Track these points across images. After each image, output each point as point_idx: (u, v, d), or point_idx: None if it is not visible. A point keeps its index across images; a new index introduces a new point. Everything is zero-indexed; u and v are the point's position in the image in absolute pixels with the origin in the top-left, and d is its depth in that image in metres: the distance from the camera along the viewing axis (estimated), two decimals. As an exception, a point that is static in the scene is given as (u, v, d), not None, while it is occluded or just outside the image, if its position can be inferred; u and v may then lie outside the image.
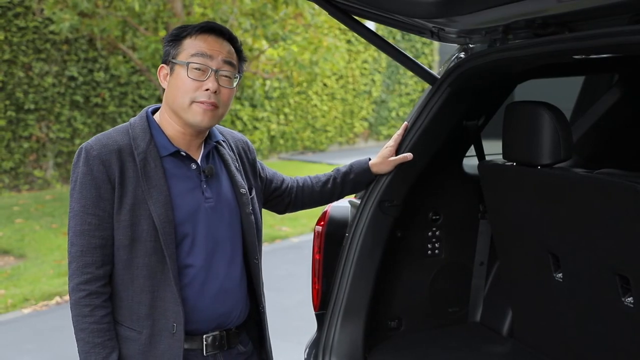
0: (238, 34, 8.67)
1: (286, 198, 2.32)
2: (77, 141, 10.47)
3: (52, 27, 8.74)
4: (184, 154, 1.92)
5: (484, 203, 2.75)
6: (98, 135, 1.90)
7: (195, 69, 1.86)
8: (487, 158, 2.69)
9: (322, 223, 2.64)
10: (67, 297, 5.70)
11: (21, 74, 9.90)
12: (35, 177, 10.25)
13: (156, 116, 1.96)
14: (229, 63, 1.91)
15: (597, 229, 2.08)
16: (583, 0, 1.77)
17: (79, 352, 1.88)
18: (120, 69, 9.72)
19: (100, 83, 10.67)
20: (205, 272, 1.92)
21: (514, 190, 2.41)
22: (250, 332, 2.10)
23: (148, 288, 1.86)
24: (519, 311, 2.65)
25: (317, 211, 2.71)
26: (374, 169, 2.44)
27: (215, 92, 1.87)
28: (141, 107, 11.17)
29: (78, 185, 1.83)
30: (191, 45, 1.88)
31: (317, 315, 2.62)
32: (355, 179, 2.42)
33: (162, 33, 8.81)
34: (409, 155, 2.44)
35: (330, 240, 2.61)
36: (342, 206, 2.68)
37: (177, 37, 1.90)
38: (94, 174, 1.82)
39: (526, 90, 2.91)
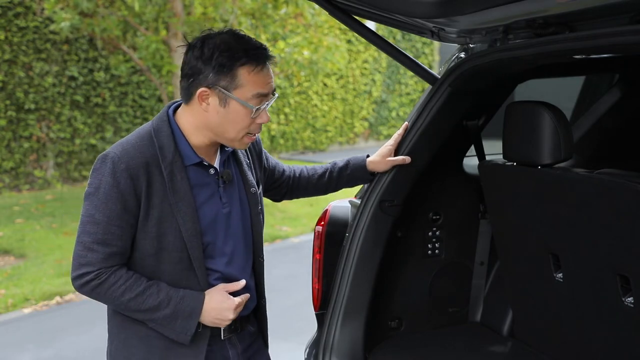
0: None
1: (283, 188, 2.36)
2: (77, 141, 10.48)
3: (52, 27, 8.74)
4: (207, 163, 1.95)
5: (484, 203, 2.75)
6: (123, 143, 1.88)
7: (257, 109, 1.87)
8: (487, 158, 2.69)
9: (323, 223, 2.64)
10: (67, 297, 5.70)
11: (21, 74, 9.90)
12: (35, 177, 10.25)
13: (179, 120, 1.94)
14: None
15: (597, 229, 2.08)
16: (584, 0, 1.77)
17: (135, 314, 1.89)
18: (120, 68, 9.73)
19: (100, 83, 10.67)
20: (225, 276, 1.99)
21: (514, 190, 2.41)
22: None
23: None
24: (519, 311, 2.65)
25: (318, 211, 2.71)
26: (371, 167, 2.44)
27: None
28: (141, 107, 11.17)
29: (102, 195, 1.83)
30: (250, 82, 1.84)
31: (317, 315, 2.62)
32: (351, 175, 2.43)
33: (163, 33, 8.81)
34: (407, 158, 2.44)
35: (331, 240, 2.61)
36: (343, 206, 2.68)
37: (229, 68, 1.83)
38: (121, 187, 1.82)
39: (526, 90, 2.91)
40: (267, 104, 1.90)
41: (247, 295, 2.00)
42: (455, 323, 2.86)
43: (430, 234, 2.76)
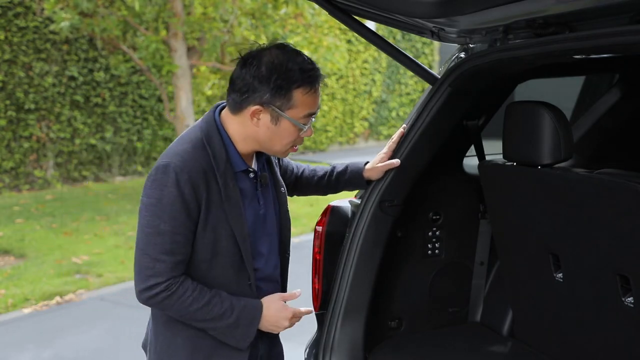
0: (239, 32, 8.67)
1: (289, 186, 2.39)
2: (77, 141, 10.48)
3: (52, 27, 8.74)
4: (250, 169, 2.01)
5: (484, 203, 2.74)
6: (179, 152, 1.91)
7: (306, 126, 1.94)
8: (487, 158, 2.69)
9: (323, 223, 2.64)
10: (67, 297, 5.70)
11: (21, 74, 9.90)
12: (35, 177, 10.25)
13: (226, 125, 1.97)
14: None
15: (597, 229, 2.08)
16: (583, 0, 1.77)
17: (198, 323, 1.95)
18: (120, 68, 9.72)
19: (100, 83, 10.67)
20: (264, 274, 2.07)
21: (514, 190, 2.41)
22: None
23: None
24: (519, 311, 2.65)
25: (317, 211, 2.71)
26: (366, 174, 2.46)
27: None
28: (141, 107, 11.17)
29: (167, 206, 1.86)
30: (303, 103, 1.91)
31: (317, 315, 2.62)
32: (348, 180, 2.47)
33: (163, 33, 8.81)
34: (395, 162, 2.44)
35: (331, 240, 2.61)
36: (343, 206, 2.68)
37: (286, 89, 1.88)
38: (185, 197, 1.86)
39: (526, 90, 2.91)
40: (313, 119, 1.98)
41: (309, 310, 2.11)
42: (455, 323, 2.86)
43: (430, 234, 2.76)
